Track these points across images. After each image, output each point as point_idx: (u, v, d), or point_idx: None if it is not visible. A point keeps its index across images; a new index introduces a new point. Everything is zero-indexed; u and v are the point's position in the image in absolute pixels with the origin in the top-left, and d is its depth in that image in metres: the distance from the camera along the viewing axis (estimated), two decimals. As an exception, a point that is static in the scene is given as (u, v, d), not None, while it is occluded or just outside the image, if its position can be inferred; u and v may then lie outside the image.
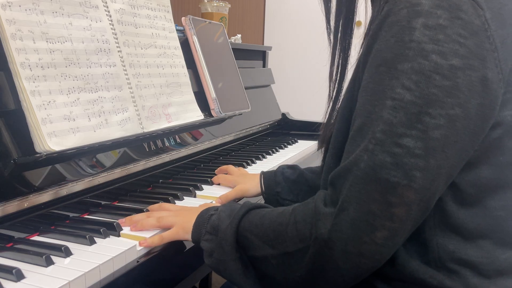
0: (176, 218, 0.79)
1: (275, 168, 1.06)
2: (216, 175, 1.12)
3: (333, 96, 0.79)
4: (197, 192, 1.02)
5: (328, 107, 0.80)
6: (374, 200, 0.57)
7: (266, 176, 1.02)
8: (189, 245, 0.81)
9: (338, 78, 0.79)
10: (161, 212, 0.82)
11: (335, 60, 0.78)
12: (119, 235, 0.76)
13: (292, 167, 1.03)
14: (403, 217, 0.57)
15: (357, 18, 0.77)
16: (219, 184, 1.09)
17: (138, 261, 0.73)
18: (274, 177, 1.01)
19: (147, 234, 0.77)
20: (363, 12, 0.77)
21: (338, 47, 0.78)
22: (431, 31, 0.55)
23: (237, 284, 0.70)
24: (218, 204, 0.91)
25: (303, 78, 3.26)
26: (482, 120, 0.58)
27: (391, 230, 0.58)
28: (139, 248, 0.73)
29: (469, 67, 0.56)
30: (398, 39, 0.57)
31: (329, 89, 0.80)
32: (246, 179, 1.05)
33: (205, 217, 0.74)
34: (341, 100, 0.75)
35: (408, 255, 0.63)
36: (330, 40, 0.79)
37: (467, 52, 0.56)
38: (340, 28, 0.77)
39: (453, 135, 0.56)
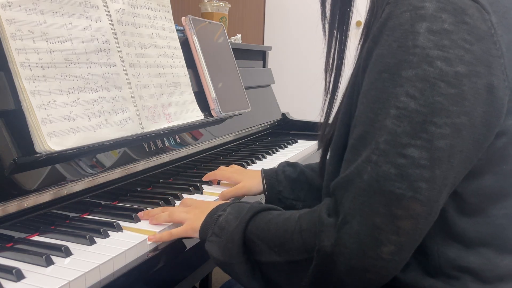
0: (187, 215, 0.79)
1: (275, 168, 1.05)
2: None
3: (330, 89, 0.77)
4: (197, 192, 1.01)
5: (325, 101, 0.78)
6: (378, 213, 0.55)
7: (268, 175, 1.00)
8: (189, 245, 0.82)
9: (334, 70, 0.76)
10: (175, 208, 0.85)
11: (331, 51, 0.76)
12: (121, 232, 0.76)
13: (293, 165, 1.02)
14: (410, 230, 0.55)
15: (357, 18, 0.76)
16: (215, 183, 1.08)
17: (138, 261, 0.73)
18: (276, 175, 0.99)
19: (151, 230, 0.77)
20: (364, 12, 0.76)
21: (334, 37, 0.75)
22: (436, 36, 0.54)
23: (243, 285, 0.70)
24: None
25: (303, 78, 3.26)
26: (487, 128, 0.56)
27: (398, 244, 0.56)
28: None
29: (475, 74, 0.54)
30: (401, 44, 0.55)
31: (325, 82, 0.77)
32: (246, 177, 1.03)
33: (213, 218, 0.73)
34: (340, 103, 0.73)
35: (406, 265, 0.62)
36: (325, 30, 0.76)
37: (473, 59, 0.54)
38: (337, 17, 0.74)
39: (458, 144, 0.55)
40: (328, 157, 0.72)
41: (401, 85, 0.55)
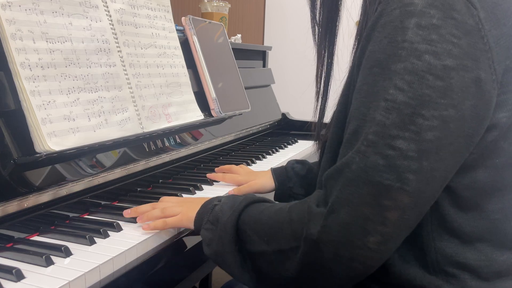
0: (180, 208, 0.80)
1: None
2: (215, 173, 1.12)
3: (321, 95, 0.80)
4: (197, 192, 1.02)
5: (317, 106, 0.81)
6: (366, 203, 0.56)
7: (278, 172, 1.04)
8: (189, 244, 0.82)
9: (324, 76, 0.79)
10: (165, 203, 0.84)
11: (321, 59, 0.78)
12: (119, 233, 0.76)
13: (301, 162, 1.06)
14: (396, 221, 0.56)
15: (356, 18, 0.77)
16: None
17: (138, 261, 0.73)
18: (286, 172, 1.03)
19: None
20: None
21: (323, 46, 0.78)
22: (424, 31, 0.55)
23: (234, 276, 0.71)
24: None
25: (303, 78, 3.26)
26: (476, 121, 0.57)
27: (384, 235, 0.56)
28: (140, 241, 0.74)
29: (462, 67, 0.55)
30: (391, 39, 0.56)
31: (316, 88, 0.80)
32: (257, 177, 1.07)
33: (208, 207, 0.75)
34: (336, 103, 0.74)
35: (405, 261, 0.62)
36: (316, 39, 0.79)
37: (460, 53, 0.55)
38: (326, 27, 0.76)
39: (446, 137, 0.55)
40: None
41: (390, 78, 0.56)
